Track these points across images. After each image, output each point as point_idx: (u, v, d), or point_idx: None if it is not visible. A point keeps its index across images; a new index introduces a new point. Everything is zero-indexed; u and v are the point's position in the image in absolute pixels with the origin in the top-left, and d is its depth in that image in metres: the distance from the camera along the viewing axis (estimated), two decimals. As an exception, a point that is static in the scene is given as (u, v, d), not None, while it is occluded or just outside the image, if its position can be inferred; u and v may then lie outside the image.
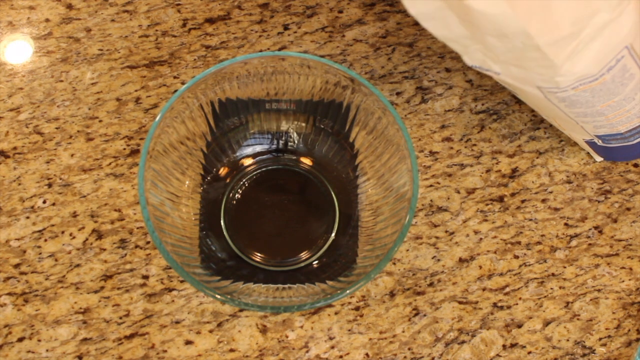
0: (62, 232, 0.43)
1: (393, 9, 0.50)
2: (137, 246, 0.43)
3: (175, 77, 0.47)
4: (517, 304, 0.43)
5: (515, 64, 0.34)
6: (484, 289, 0.43)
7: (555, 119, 0.42)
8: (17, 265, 0.42)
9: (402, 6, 0.50)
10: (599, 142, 0.42)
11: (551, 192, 0.45)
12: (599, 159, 0.46)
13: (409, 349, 0.42)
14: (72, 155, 0.45)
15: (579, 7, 0.31)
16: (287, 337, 0.41)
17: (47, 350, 0.40)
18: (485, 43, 0.33)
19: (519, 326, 0.42)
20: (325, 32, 0.49)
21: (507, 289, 0.43)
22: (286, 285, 0.40)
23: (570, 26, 0.31)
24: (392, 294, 0.43)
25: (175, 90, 0.46)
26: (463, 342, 0.42)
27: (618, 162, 0.46)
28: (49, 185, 0.44)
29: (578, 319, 0.43)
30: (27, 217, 0.43)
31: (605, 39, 0.32)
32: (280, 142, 0.44)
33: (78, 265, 0.42)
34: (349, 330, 0.42)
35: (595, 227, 0.45)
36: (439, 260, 0.44)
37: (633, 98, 0.37)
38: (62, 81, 0.46)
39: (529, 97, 0.39)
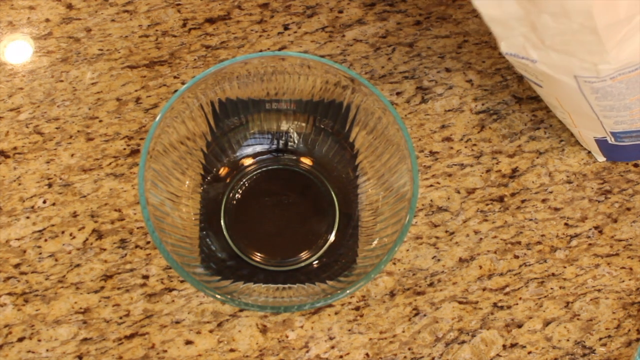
0: (62, 232, 0.43)
1: (393, 9, 0.50)
2: (137, 246, 0.43)
3: (175, 77, 0.47)
4: (517, 304, 0.43)
5: (560, 49, 0.34)
6: (484, 289, 0.43)
7: (572, 114, 0.42)
8: (17, 265, 0.42)
9: (402, 6, 0.50)
10: (611, 140, 0.42)
11: (551, 192, 0.45)
12: (601, 158, 0.46)
13: (409, 349, 0.42)
14: (72, 155, 0.45)
15: None
16: (287, 337, 0.41)
17: (47, 350, 0.40)
18: (538, 23, 0.33)
19: (519, 326, 0.42)
20: (326, 32, 0.49)
21: (507, 289, 0.43)
22: (286, 285, 0.40)
23: (626, 10, 0.31)
24: (392, 294, 0.43)
25: (176, 90, 0.46)
26: (463, 342, 0.42)
27: (619, 162, 0.46)
28: (49, 185, 0.44)
29: (578, 319, 0.43)
30: (27, 217, 0.43)
31: None
32: (281, 142, 0.44)
33: (78, 265, 0.42)
34: (349, 330, 0.42)
35: (596, 227, 0.45)
36: (439, 260, 0.44)
37: None
38: (62, 81, 0.46)
39: (556, 88, 0.39)
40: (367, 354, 0.41)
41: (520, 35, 0.34)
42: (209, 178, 0.42)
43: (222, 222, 0.42)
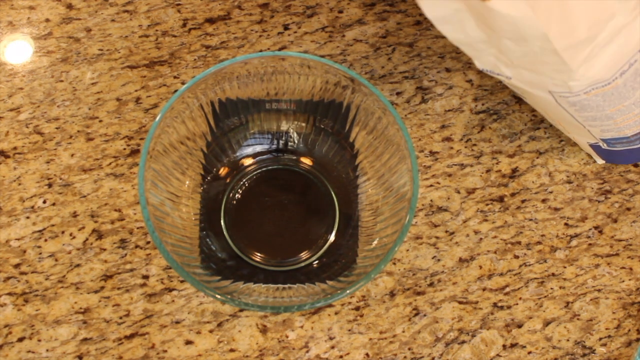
0: (62, 232, 0.43)
1: (393, 9, 0.50)
2: (137, 246, 0.43)
3: (175, 77, 0.47)
4: (517, 304, 0.43)
5: (529, 68, 0.34)
6: (484, 289, 0.43)
7: (561, 123, 0.42)
8: (17, 265, 0.42)
9: (402, 6, 0.50)
10: (604, 146, 0.42)
11: (551, 192, 0.45)
12: (600, 161, 0.46)
13: (409, 349, 0.42)
14: (72, 155, 0.45)
15: (597, 11, 0.31)
16: (287, 337, 0.41)
17: (47, 350, 0.40)
18: (501, 47, 0.33)
19: (519, 326, 0.42)
20: (326, 32, 0.49)
21: (507, 289, 0.43)
22: (286, 285, 0.40)
23: (587, 30, 0.31)
24: (392, 294, 0.43)
25: (176, 90, 0.46)
26: (463, 342, 0.42)
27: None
28: (49, 185, 0.44)
29: (578, 319, 0.43)
30: (27, 217, 0.43)
31: (619, 43, 0.32)
32: (281, 142, 0.44)
33: (78, 265, 0.42)
34: (349, 330, 0.42)
35: (596, 227, 0.45)
36: (439, 260, 0.44)
37: None
38: (62, 81, 0.46)
39: (538, 101, 0.39)
40: (367, 354, 0.41)
41: (490, 55, 0.34)
42: (209, 178, 0.42)
43: (222, 222, 0.42)
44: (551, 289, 0.43)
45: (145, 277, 0.42)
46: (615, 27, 0.32)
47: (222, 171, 0.43)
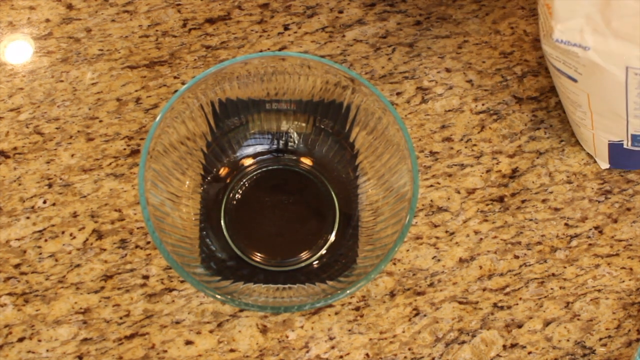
0: (63, 232, 0.43)
1: (393, 9, 0.50)
2: (137, 246, 0.43)
3: (175, 77, 0.47)
4: (517, 304, 0.43)
5: (624, 33, 0.34)
6: (484, 289, 0.43)
7: (595, 114, 0.41)
8: (17, 266, 0.42)
9: (403, 6, 0.50)
10: (627, 144, 0.42)
11: (551, 193, 0.45)
12: (604, 165, 0.45)
13: (409, 349, 0.42)
14: (72, 155, 0.45)
15: None
16: (287, 337, 0.41)
17: (47, 351, 0.40)
18: (607, 7, 0.33)
19: (519, 326, 0.42)
20: (326, 32, 0.49)
21: (508, 289, 0.43)
22: (286, 286, 0.40)
23: None
24: (392, 294, 0.43)
25: (176, 91, 0.46)
26: (463, 342, 0.42)
27: (626, 170, 0.46)
28: (49, 186, 0.44)
29: (578, 319, 0.43)
30: (28, 217, 0.43)
31: None
32: (281, 142, 0.44)
33: (78, 266, 0.42)
34: (349, 330, 0.42)
35: (596, 227, 0.45)
36: (439, 260, 0.44)
37: None
38: (62, 81, 0.46)
39: (595, 83, 0.38)
40: (367, 354, 0.41)
41: (583, 16, 0.34)
42: (209, 178, 0.43)
43: (222, 222, 0.42)
44: (551, 289, 0.43)
45: (146, 277, 0.42)
46: None
47: (222, 171, 0.43)
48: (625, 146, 0.42)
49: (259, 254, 0.42)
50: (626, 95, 0.38)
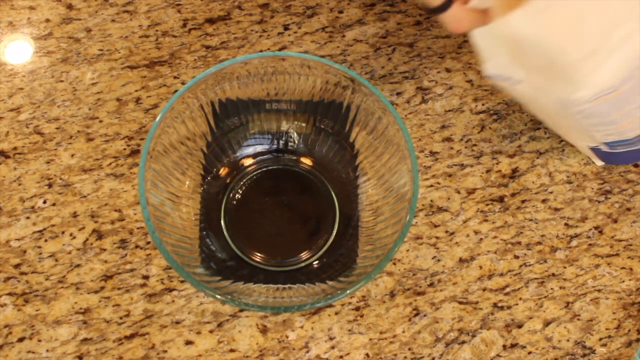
0: (63, 232, 0.43)
1: (393, 9, 0.50)
2: (137, 246, 0.43)
3: (175, 77, 0.47)
4: (517, 304, 0.43)
5: (542, 75, 0.35)
6: (484, 289, 0.43)
7: (562, 128, 0.43)
8: (17, 266, 0.42)
9: (403, 6, 0.50)
10: (604, 148, 0.43)
11: (551, 193, 0.45)
12: (599, 163, 0.46)
13: (409, 349, 0.41)
14: (72, 155, 0.45)
15: (606, 22, 0.32)
16: (287, 337, 0.41)
17: (47, 351, 0.40)
18: (516, 53, 0.34)
19: (519, 326, 0.42)
20: (326, 32, 0.49)
21: (508, 289, 0.43)
22: (286, 286, 0.40)
23: (596, 40, 0.32)
24: (392, 294, 0.43)
25: (176, 91, 0.46)
26: (463, 342, 0.42)
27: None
28: (49, 186, 0.44)
29: (578, 319, 0.43)
30: (28, 217, 0.43)
31: (625, 51, 0.33)
32: (281, 142, 0.44)
33: (78, 266, 0.42)
34: (349, 330, 0.42)
35: (596, 227, 0.45)
36: (439, 260, 0.44)
37: None
38: (62, 81, 0.46)
39: (542, 108, 0.40)
40: (367, 354, 0.41)
41: (505, 56, 0.36)
42: (209, 178, 0.42)
43: (222, 222, 0.42)
44: (551, 289, 0.43)
45: (146, 277, 0.42)
46: (623, 35, 0.33)
47: (222, 171, 0.43)
48: (604, 150, 0.43)
49: (259, 254, 0.42)
50: (573, 117, 0.39)
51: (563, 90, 0.36)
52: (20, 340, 0.41)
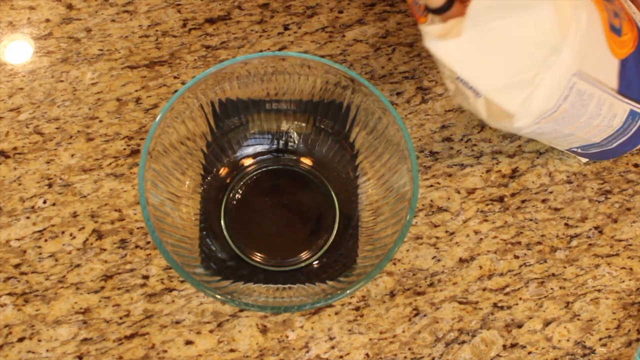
0: (63, 232, 0.43)
1: (393, 9, 0.50)
2: (137, 246, 0.43)
3: (175, 77, 0.47)
4: (517, 304, 0.43)
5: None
6: (484, 289, 0.43)
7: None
8: (17, 266, 0.42)
9: (403, 6, 0.50)
10: (579, 151, 0.43)
11: (551, 192, 0.45)
12: (584, 160, 0.46)
13: (409, 349, 0.41)
14: (72, 155, 0.45)
15: (524, 57, 0.32)
16: (287, 337, 0.41)
17: (47, 351, 0.40)
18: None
19: (519, 326, 0.42)
20: (326, 32, 0.49)
21: (508, 289, 0.43)
22: (286, 286, 0.40)
23: (519, 74, 0.32)
24: (392, 294, 0.43)
25: (176, 91, 0.46)
26: (463, 342, 0.42)
27: (619, 162, 0.46)
28: (49, 186, 0.44)
29: (578, 319, 0.43)
30: (28, 217, 0.43)
31: (552, 75, 0.33)
32: (281, 142, 0.44)
33: (78, 266, 0.42)
34: (349, 330, 0.42)
35: (596, 227, 0.45)
36: (439, 260, 0.44)
37: (599, 113, 0.37)
38: (62, 81, 0.46)
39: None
40: (367, 354, 0.41)
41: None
42: (209, 178, 0.42)
43: (222, 222, 0.42)
44: (551, 289, 0.43)
45: (146, 277, 0.42)
46: (545, 64, 0.32)
47: (222, 171, 0.43)
48: (581, 151, 0.43)
49: (259, 254, 0.42)
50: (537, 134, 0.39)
51: (507, 123, 0.35)
52: (20, 340, 0.41)
